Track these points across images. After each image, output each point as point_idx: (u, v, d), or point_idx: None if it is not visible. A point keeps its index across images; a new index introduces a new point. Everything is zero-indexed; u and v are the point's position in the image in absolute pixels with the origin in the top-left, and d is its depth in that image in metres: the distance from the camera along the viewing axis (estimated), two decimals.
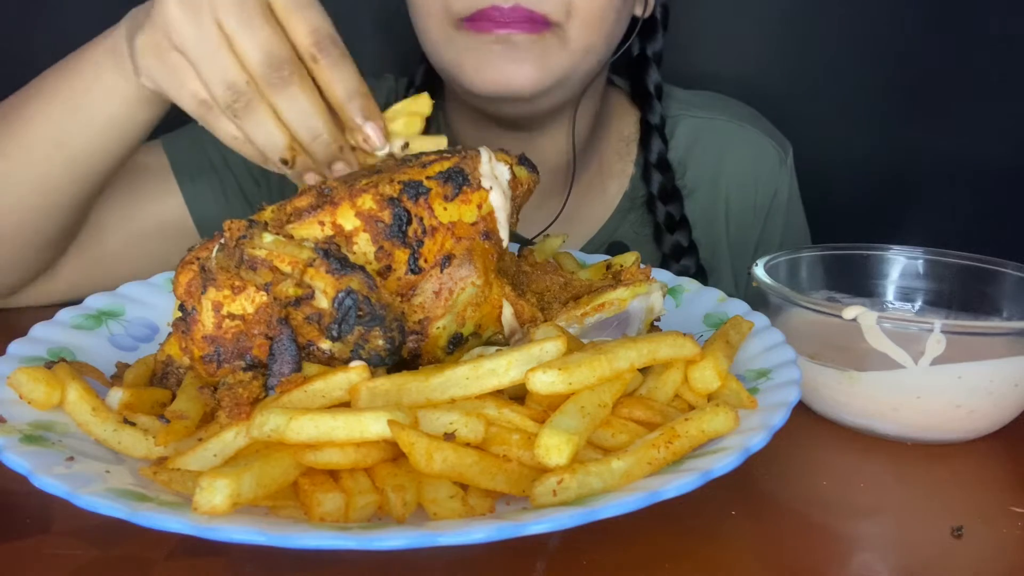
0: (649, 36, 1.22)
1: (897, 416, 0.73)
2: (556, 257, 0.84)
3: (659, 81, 1.23)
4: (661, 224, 1.19)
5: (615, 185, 1.23)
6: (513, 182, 0.71)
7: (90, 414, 0.60)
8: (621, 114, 1.25)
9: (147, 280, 0.84)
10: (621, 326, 0.71)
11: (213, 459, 0.55)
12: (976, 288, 0.86)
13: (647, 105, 1.22)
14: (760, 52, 1.52)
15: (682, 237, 1.18)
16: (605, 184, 1.23)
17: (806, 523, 0.63)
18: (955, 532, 0.61)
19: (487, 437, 0.56)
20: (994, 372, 0.71)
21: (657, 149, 1.19)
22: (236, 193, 1.12)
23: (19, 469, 0.53)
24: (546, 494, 0.52)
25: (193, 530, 0.47)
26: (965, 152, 1.48)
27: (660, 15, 1.20)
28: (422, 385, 0.57)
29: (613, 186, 1.23)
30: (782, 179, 1.26)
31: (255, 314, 0.62)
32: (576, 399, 0.57)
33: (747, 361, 0.70)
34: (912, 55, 1.48)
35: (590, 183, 1.22)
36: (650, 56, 1.22)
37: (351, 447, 0.53)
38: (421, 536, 0.47)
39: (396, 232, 0.64)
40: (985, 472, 0.72)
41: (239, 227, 0.62)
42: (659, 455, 0.55)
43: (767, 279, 0.79)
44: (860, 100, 1.51)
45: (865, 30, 1.48)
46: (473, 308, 0.67)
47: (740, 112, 1.28)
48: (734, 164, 1.24)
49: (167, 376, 0.68)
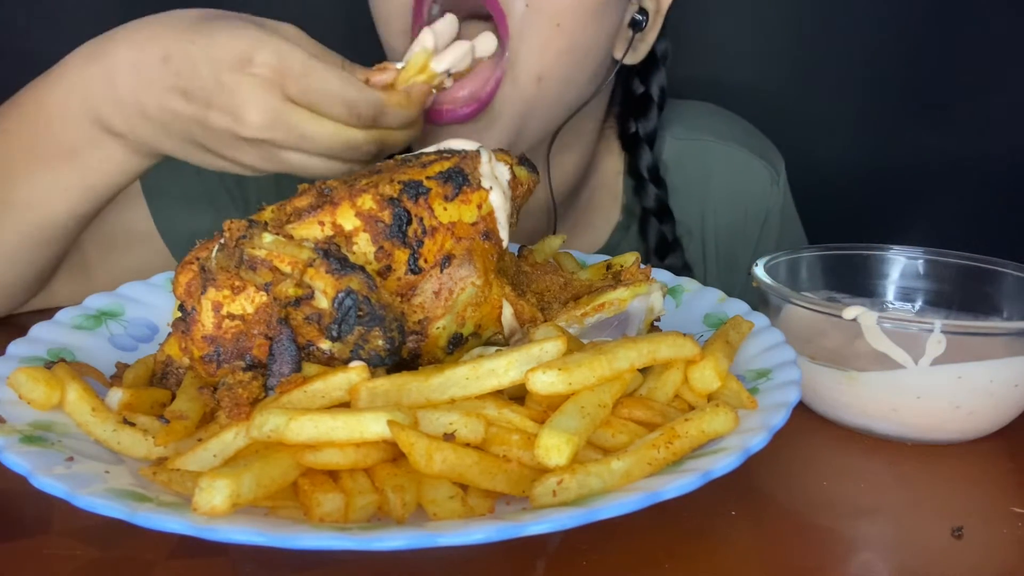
0: (642, 115, 1.16)
1: (897, 416, 0.73)
2: (556, 257, 0.84)
3: (652, 164, 1.16)
4: (651, 250, 1.15)
5: (603, 222, 1.20)
6: (513, 182, 0.71)
7: (90, 414, 0.60)
8: (609, 153, 1.21)
9: (147, 280, 0.84)
10: (621, 326, 0.71)
11: (213, 459, 0.55)
12: (976, 288, 0.86)
13: (642, 190, 1.16)
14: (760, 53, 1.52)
15: (675, 260, 1.16)
16: (592, 221, 1.20)
17: (806, 523, 0.63)
18: (955, 532, 0.61)
19: (487, 437, 0.56)
20: (994, 372, 0.71)
21: (654, 195, 1.15)
22: (206, 208, 1.11)
23: (19, 469, 0.53)
24: (546, 494, 0.52)
25: (193, 530, 0.47)
26: (965, 152, 1.48)
27: (658, 96, 1.15)
28: (422, 385, 0.57)
29: (601, 223, 1.20)
30: (774, 199, 1.22)
31: (255, 314, 0.62)
32: (576, 399, 0.57)
33: (747, 361, 0.70)
34: (912, 55, 1.49)
35: (576, 224, 1.19)
36: (642, 136, 1.16)
37: (351, 447, 0.53)
38: (421, 536, 0.47)
39: (396, 232, 0.64)
40: (985, 472, 0.72)
41: (239, 227, 0.62)
42: (659, 455, 0.55)
43: (767, 279, 0.79)
44: (860, 100, 1.51)
45: (865, 31, 1.48)
46: (473, 308, 0.67)
47: (728, 130, 1.24)
48: (721, 187, 1.20)
49: (167, 376, 0.68)
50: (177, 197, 1.08)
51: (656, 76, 1.16)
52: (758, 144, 1.25)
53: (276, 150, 0.78)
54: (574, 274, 0.80)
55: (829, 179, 1.45)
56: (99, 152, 0.84)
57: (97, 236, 1.01)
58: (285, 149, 0.78)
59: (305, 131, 0.76)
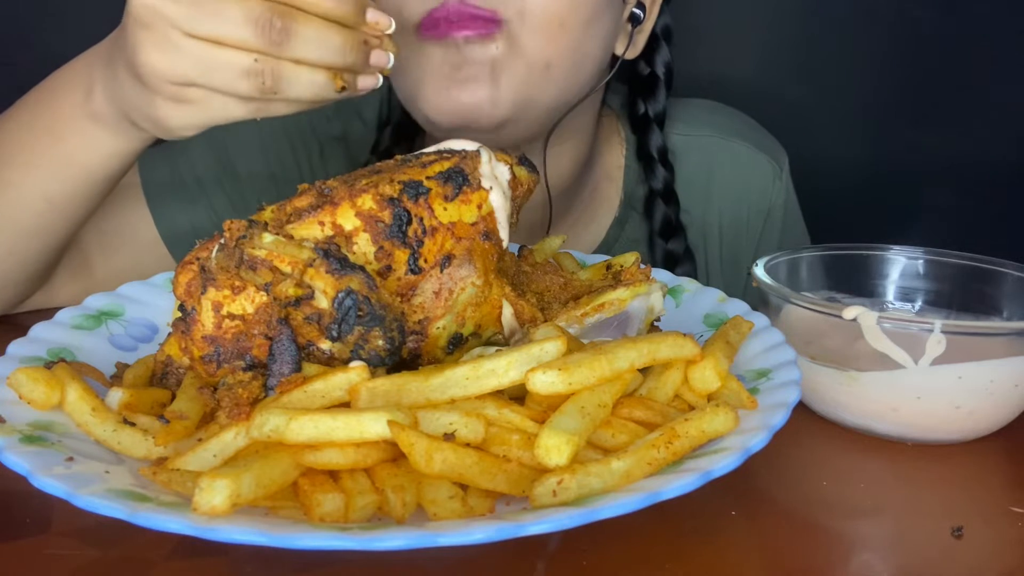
0: (650, 95, 1.16)
1: (897, 416, 0.73)
2: (556, 257, 0.84)
3: (662, 144, 1.17)
4: (656, 231, 1.15)
5: (604, 216, 1.20)
6: (513, 182, 0.71)
7: (90, 414, 0.60)
8: (610, 144, 1.20)
9: (147, 280, 0.84)
10: (621, 326, 0.71)
11: (213, 459, 0.55)
12: (976, 288, 0.86)
13: (650, 170, 1.16)
14: (760, 53, 1.52)
15: (678, 244, 1.15)
16: (594, 215, 1.20)
17: (806, 523, 0.63)
18: (955, 532, 0.61)
19: (487, 437, 0.56)
20: (994, 372, 0.71)
21: (663, 176, 1.15)
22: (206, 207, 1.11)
23: (19, 469, 0.53)
24: (546, 494, 0.52)
25: (193, 530, 0.47)
26: (965, 152, 1.48)
27: (664, 74, 1.15)
28: (422, 385, 0.57)
29: (602, 217, 1.20)
30: (776, 193, 1.22)
31: (255, 314, 0.62)
32: (576, 399, 0.57)
33: (747, 361, 0.70)
34: (912, 55, 1.49)
35: (578, 217, 1.18)
36: (652, 117, 1.16)
37: (351, 447, 0.53)
38: (421, 536, 0.47)
39: (396, 232, 0.64)
40: (985, 472, 0.72)
41: (239, 227, 0.62)
42: (659, 455, 0.55)
43: (767, 279, 0.79)
44: (860, 100, 1.51)
45: (865, 30, 1.48)
46: (473, 308, 0.67)
47: (730, 125, 1.24)
48: (724, 183, 1.20)
49: (167, 376, 0.68)
50: (176, 198, 1.08)
51: (660, 54, 1.16)
52: (761, 139, 1.24)
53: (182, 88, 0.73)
54: (574, 274, 0.80)
55: (829, 179, 1.45)
56: (76, 125, 0.83)
57: (98, 237, 1.01)
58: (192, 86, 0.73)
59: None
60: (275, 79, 0.70)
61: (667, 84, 1.16)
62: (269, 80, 0.70)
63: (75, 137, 0.83)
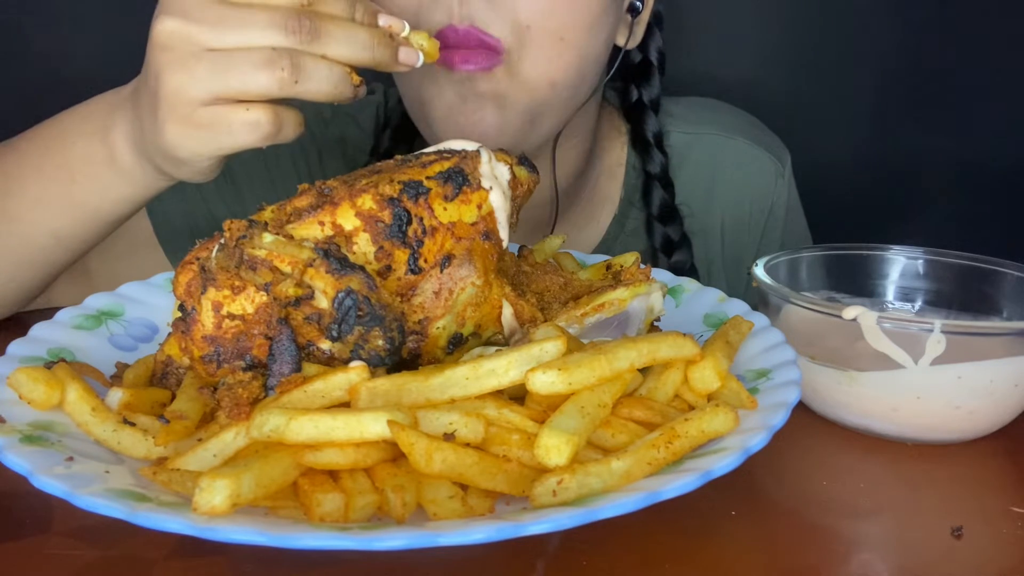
0: (645, 81, 1.17)
1: (897, 416, 0.73)
2: (556, 257, 0.84)
3: (658, 130, 1.17)
4: (654, 216, 1.16)
5: (605, 212, 1.20)
6: (513, 182, 0.71)
7: (90, 414, 0.60)
8: (611, 141, 1.20)
9: (147, 280, 0.84)
10: (621, 326, 0.71)
11: (213, 459, 0.55)
12: (976, 288, 0.86)
13: (647, 155, 1.17)
14: (760, 53, 1.52)
15: (674, 230, 1.16)
16: (595, 212, 1.20)
17: (806, 523, 0.63)
18: (955, 532, 0.61)
19: (487, 437, 0.56)
20: (994, 372, 0.71)
21: (659, 162, 1.16)
22: (198, 202, 1.11)
23: (19, 469, 0.53)
24: (546, 494, 0.52)
25: (193, 530, 0.47)
26: (965, 152, 1.48)
27: (657, 59, 1.16)
28: (422, 385, 0.57)
29: (603, 213, 1.20)
30: (779, 191, 1.22)
31: (255, 314, 0.62)
32: (576, 399, 0.57)
33: (747, 361, 0.70)
34: (912, 55, 1.49)
35: (580, 213, 1.19)
36: (647, 103, 1.17)
37: (351, 447, 0.53)
38: (421, 536, 0.47)
39: (396, 232, 0.64)
40: (985, 472, 0.72)
41: (239, 227, 0.62)
42: (659, 455, 0.55)
43: (767, 279, 0.79)
44: (860, 100, 1.51)
45: (865, 30, 1.49)
46: (473, 308, 0.67)
47: (733, 123, 1.24)
48: (726, 181, 1.20)
49: (167, 376, 0.68)
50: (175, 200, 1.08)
51: (653, 40, 1.16)
52: (763, 137, 1.24)
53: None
54: (574, 274, 0.80)
55: (828, 179, 1.45)
56: (90, 169, 0.83)
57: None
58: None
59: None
60: (295, 70, 0.70)
61: (660, 69, 1.17)
62: (288, 71, 0.69)
63: (88, 181, 0.83)
